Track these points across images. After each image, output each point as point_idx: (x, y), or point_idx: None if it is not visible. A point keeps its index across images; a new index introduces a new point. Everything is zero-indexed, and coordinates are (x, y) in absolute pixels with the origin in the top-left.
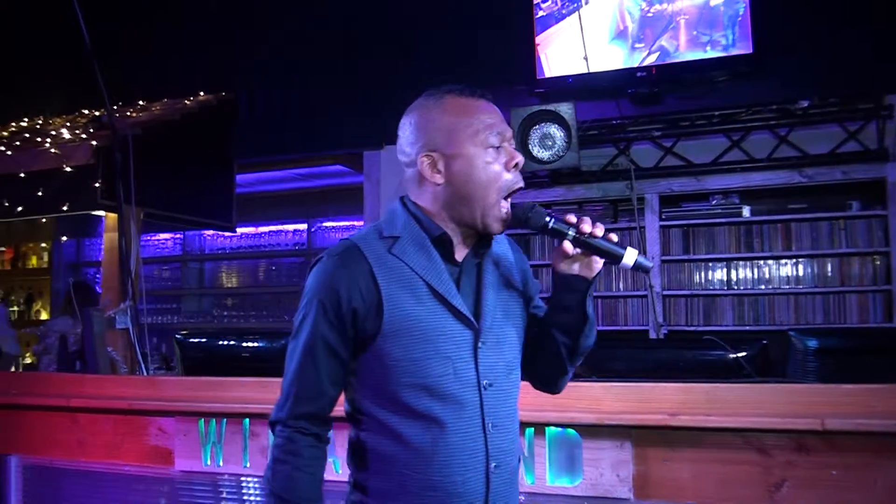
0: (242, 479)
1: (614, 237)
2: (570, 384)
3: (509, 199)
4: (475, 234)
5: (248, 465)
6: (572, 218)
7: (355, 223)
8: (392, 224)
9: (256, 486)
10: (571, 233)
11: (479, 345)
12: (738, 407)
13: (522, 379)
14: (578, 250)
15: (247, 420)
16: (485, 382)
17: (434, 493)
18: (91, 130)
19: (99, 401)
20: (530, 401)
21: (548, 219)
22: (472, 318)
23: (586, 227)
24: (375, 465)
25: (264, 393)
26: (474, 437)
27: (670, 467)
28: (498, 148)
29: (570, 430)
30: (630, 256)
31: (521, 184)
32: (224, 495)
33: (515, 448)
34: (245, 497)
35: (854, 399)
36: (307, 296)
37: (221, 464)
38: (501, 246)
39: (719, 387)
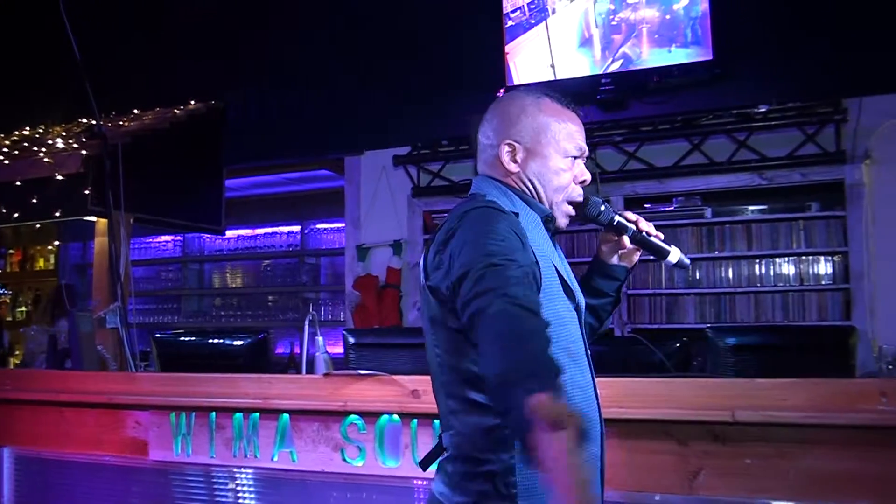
0: (210, 468)
1: (662, 236)
2: None
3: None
4: None
5: (213, 455)
6: (632, 215)
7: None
8: (506, 201)
9: (224, 475)
10: (632, 228)
11: (582, 317)
12: (656, 400)
13: None
14: (631, 245)
15: (213, 413)
16: (589, 352)
17: (596, 461)
18: (83, 140)
19: (82, 396)
20: None
21: (616, 216)
22: (579, 292)
23: (643, 224)
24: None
25: (229, 388)
26: (594, 401)
27: (613, 454)
28: (575, 159)
29: None
30: (675, 255)
31: (582, 197)
32: (192, 484)
33: None
34: (214, 485)
35: (765, 392)
36: (488, 236)
37: (191, 454)
38: None
39: (639, 381)
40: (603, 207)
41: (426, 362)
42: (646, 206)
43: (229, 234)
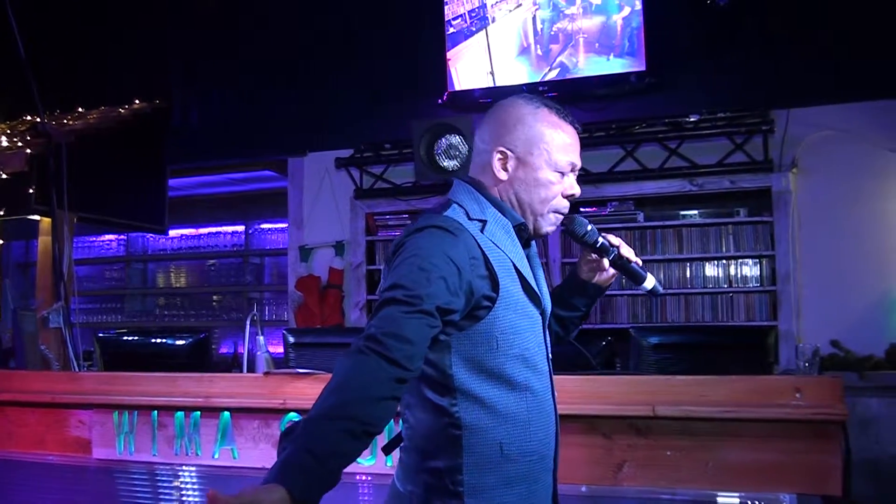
0: (153, 466)
1: (640, 262)
2: None
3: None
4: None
5: (156, 453)
6: (615, 239)
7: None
8: (475, 208)
9: (167, 473)
10: (614, 252)
11: (545, 319)
12: (582, 396)
13: None
14: (611, 268)
15: (155, 412)
16: (550, 356)
17: (530, 457)
18: (27, 138)
19: (26, 395)
20: None
21: (600, 238)
22: (543, 297)
23: (624, 250)
24: (471, 440)
25: (171, 387)
26: (550, 403)
27: None
28: (564, 174)
29: None
30: (650, 282)
31: (567, 209)
32: (136, 482)
33: None
34: (158, 483)
35: (684, 388)
36: (420, 261)
37: (133, 452)
38: None
39: (567, 378)
40: (589, 228)
41: None
42: (581, 209)
43: (173, 233)
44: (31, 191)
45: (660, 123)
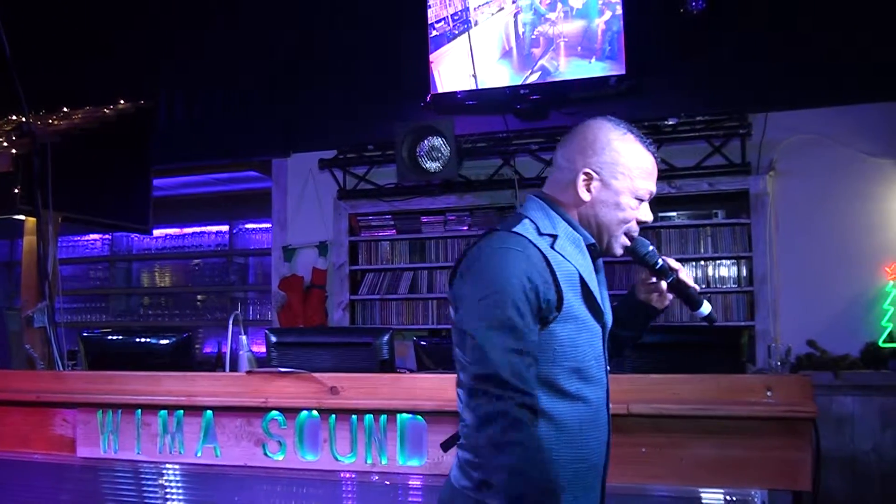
0: (137, 465)
1: (697, 288)
2: (418, 376)
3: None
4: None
5: (139, 452)
6: (674, 263)
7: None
8: (546, 224)
9: (151, 471)
10: (673, 276)
11: (607, 335)
12: None
13: None
14: (668, 291)
15: (139, 411)
16: (608, 368)
17: (578, 464)
18: (13, 138)
19: (10, 394)
20: (384, 391)
21: (660, 260)
22: (606, 312)
23: (683, 275)
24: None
25: (154, 386)
26: (604, 414)
27: None
28: (642, 201)
29: (419, 416)
30: (706, 308)
31: (638, 231)
32: (120, 480)
33: None
34: (142, 481)
35: (658, 387)
36: (494, 284)
37: (117, 451)
38: None
39: None
40: (650, 248)
41: (345, 360)
42: None
43: (158, 233)
44: (16, 190)
45: (639, 126)
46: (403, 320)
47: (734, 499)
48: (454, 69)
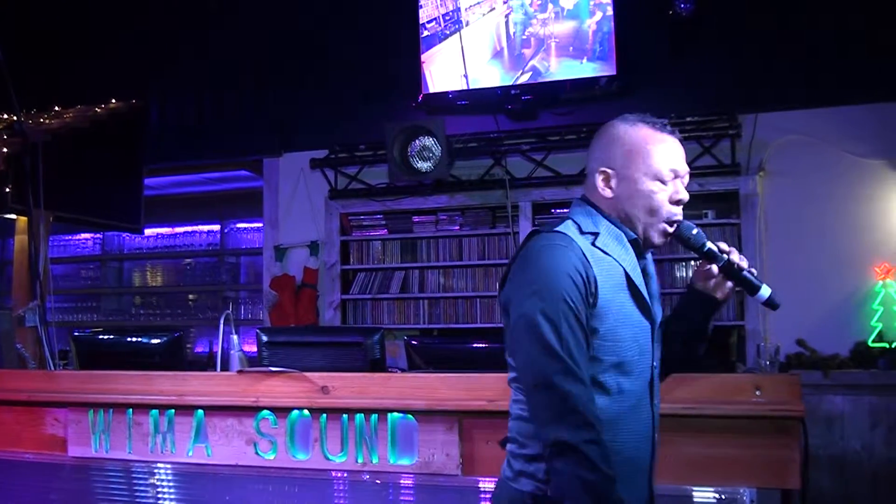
0: (128, 464)
1: (755, 271)
2: (409, 375)
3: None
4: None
5: (131, 451)
6: (725, 246)
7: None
8: (591, 223)
9: (143, 470)
10: (724, 259)
11: (655, 329)
12: None
13: None
14: (721, 275)
15: (130, 410)
16: (655, 363)
17: (617, 456)
18: (4, 137)
19: (1, 393)
20: (374, 390)
21: (708, 243)
22: (652, 305)
23: (735, 257)
24: None
25: (146, 385)
26: (646, 411)
27: (492, 447)
28: (666, 182)
29: (409, 416)
30: (765, 291)
31: (680, 216)
32: (111, 479)
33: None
34: (133, 481)
35: None
36: (543, 278)
37: (109, 450)
38: None
39: None
40: (695, 231)
41: (336, 360)
42: (553, 211)
43: (149, 232)
44: (7, 190)
45: None
46: (395, 320)
47: (723, 497)
48: (445, 69)
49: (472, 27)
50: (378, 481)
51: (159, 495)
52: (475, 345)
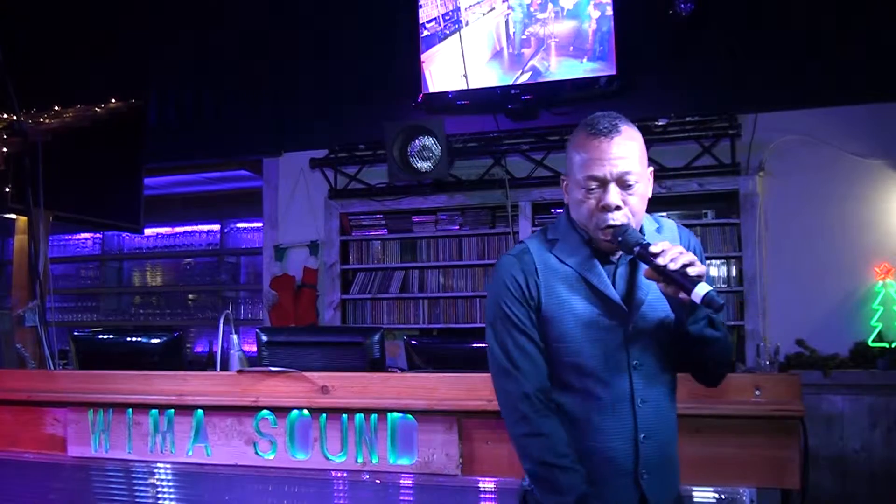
0: (127, 464)
1: (694, 271)
2: (409, 375)
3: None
4: None
5: (130, 451)
6: (655, 249)
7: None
8: (555, 229)
9: (142, 470)
10: (653, 262)
11: (631, 329)
12: None
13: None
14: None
15: (130, 410)
16: (635, 363)
17: (592, 457)
18: (3, 137)
19: (0, 393)
20: (374, 390)
21: (636, 248)
22: (624, 306)
23: (661, 259)
24: None
25: (145, 385)
26: (623, 411)
27: (491, 447)
28: (589, 189)
29: (409, 416)
30: (700, 290)
31: (614, 221)
32: (111, 479)
33: (668, 423)
34: (133, 481)
35: None
36: (490, 293)
37: (108, 450)
38: (667, 234)
39: None
40: (620, 238)
41: (336, 359)
42: (553, 211)
43: (149, 232)
44: (6, 189)
45: None
46: (394, 319)
47: (723, 497)
48: (445, 69)
49: (471, 27)
50: (378, 481)
51: (159, 495)
52: (475, 345)
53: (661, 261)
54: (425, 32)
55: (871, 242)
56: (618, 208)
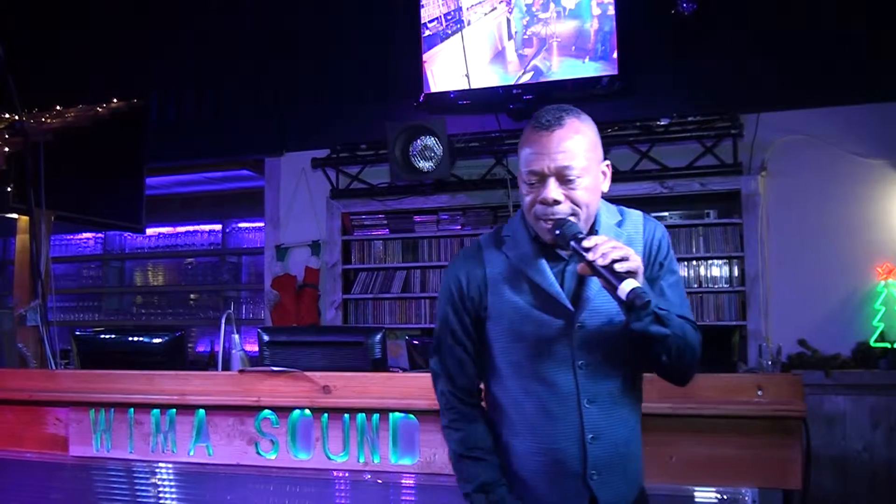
0: (129, 463)
1: (624, 266)
2: (410, 375)
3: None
4: None
5: (132, 450)
6: (588, 243)
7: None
8: (509, 226)
9: (144, 470)
10: (589, 256)
11: (577, 328)
12: None
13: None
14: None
15: (132, 410)
16: (580, 362)
17: (539, 457)
18: (5, 136)
19: (3, 393)
20: (376, 390)
21: (573, 243)
22: (570, 304)
23: (591, 254)
24: (497, 432)
25: (147, 385)
26: (569, 410)
27: None
28: (531, 184)
29: (411, 416)
30: (626, 286)
31: (556, 215)
32: (112, 479)
33: (621, 422)
34: (135, 480)
35: (648, 385)
36: (442, 287)
37: (110, 450)
38: (630, 227)
39: None
40: (558, 232)
41: (337, 359)
42: None
43: (150, 231)
44: (8, 189)
45: (631, 127)
46: (396, 319)
47: (725, 497)
48: (447, 69)
49: (473, 27)
50: (379, 481)
51: (160, 495)
52: None
53: (590, 256)
54: (427, 32)
55: (873, 242)
56: (556, 202)
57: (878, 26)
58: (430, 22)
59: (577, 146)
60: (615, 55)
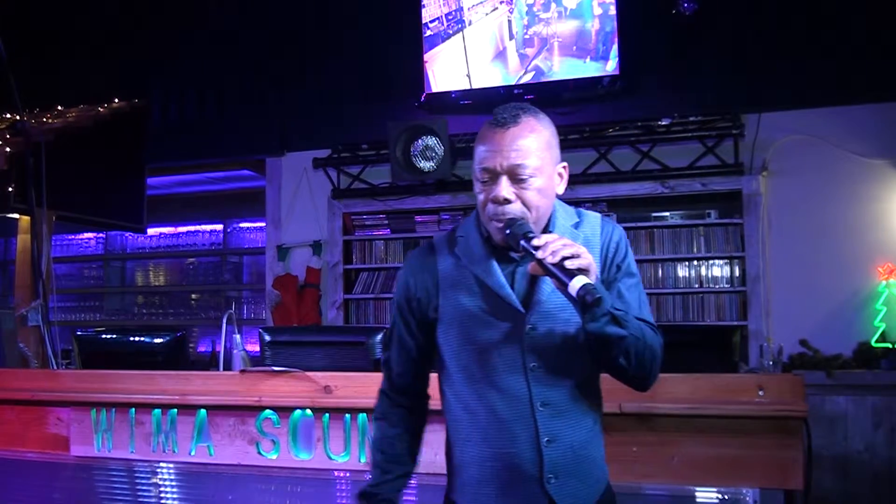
0: (130, 463)
1: (574, 263)
2: None
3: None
4: None
5: (133, 450)
6: (538, 241)
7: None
8: (464, 226)
9: (145, 470)
10: (539, 254)
11: (528, 330)
12: None
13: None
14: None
15: (133, 410)
16: (532, 365)
17: (494, 462)
18: (7, 136)
19: (4, 393)
20: (377, 390)
21: (522, 241)
22: (520, 306)
23: (540, 252)
24: (450, 435)
25: (148, 385)
26: (522, 414)
27: None
28: (483, 182)
29: None
30: (576, 283)
31: (507, 215)
32: (113, 478)
33: (578, 425)
34: (136, 480)
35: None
36: (396, 287)
37: (111, 449)
38: (587, 229)
39: None
40: (508, 231)
41: (339, 359)
42: None
43: (152, 231)
44: (9, 189)
45: (632, 127)
46: None
47: (726, 497)
48: (448, 69)
49: (474, 26)
50: None
51: (161, 495)
52: None
53: (539, 254)
54: (428, 32)
55: (874, 242)
56: (507, 201)
57: (879, 26)
58: (431, 22)
59: (531, 145)
60: (616, 55)
